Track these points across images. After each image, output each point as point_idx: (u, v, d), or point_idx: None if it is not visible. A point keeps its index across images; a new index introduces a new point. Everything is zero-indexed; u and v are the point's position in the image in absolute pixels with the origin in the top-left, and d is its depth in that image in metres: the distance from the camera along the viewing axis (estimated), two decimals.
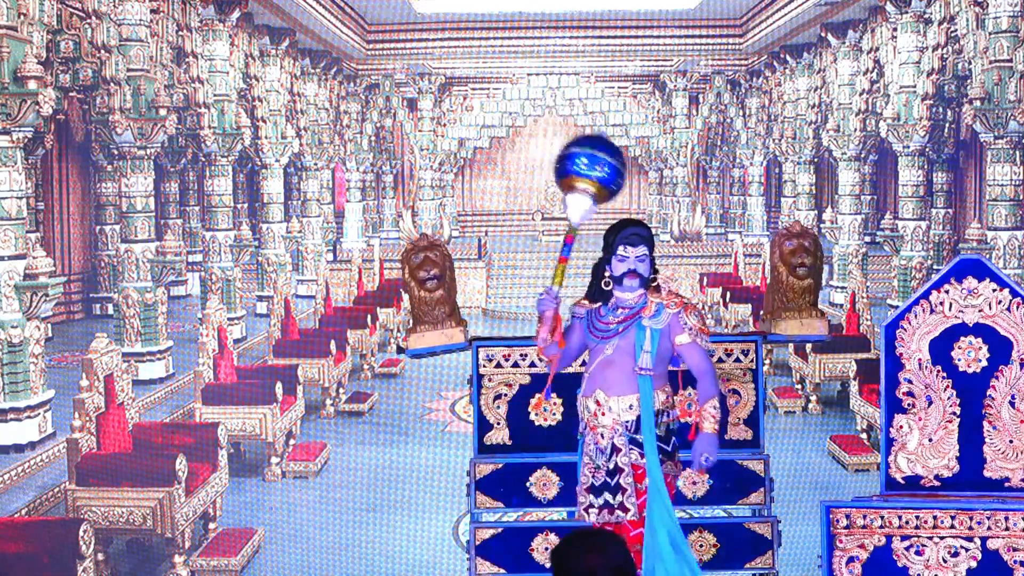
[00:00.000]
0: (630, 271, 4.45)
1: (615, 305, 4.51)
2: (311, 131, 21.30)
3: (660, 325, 4.43)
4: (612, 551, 2.80)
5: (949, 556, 4.50)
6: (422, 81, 26.45)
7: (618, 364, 4.45)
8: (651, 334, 4.42)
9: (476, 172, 30.36)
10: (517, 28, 22.92)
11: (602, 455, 4.48)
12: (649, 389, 4.42)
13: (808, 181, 21.94)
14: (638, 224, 4.55)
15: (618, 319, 4.48)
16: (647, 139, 27.61)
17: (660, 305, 4.46)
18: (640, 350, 4.42)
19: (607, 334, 4.49)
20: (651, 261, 4.50)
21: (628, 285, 4.46)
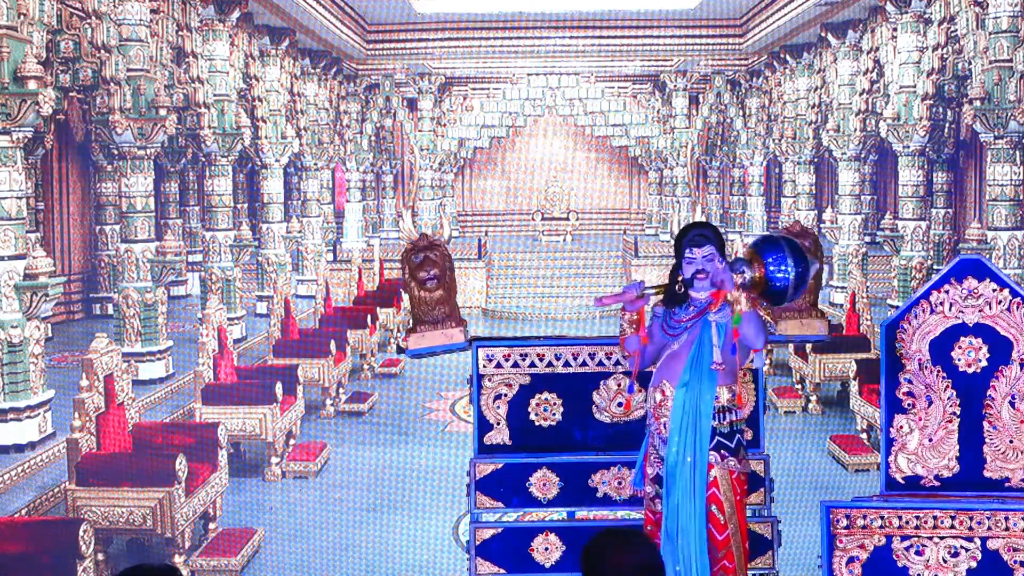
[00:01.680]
0: (699, 271, 4.48)
1: (688, 304, 4.56)
2: (311, 131, 21.30)
3: (725, 320, 4.46)
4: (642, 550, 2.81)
5: (949, 556, 4.49)
6: (422, 81, 26.45)
7: (683, 357, 4.51)
8: (717, 329, 4.46)
9: (476, 172, 30.36)
10: (517, 28, 22.92)
11: (665, 445, 4.53)
12: (710, 383, 4.46)
13: (808, 181, 21.94)
14: (703, 226, 4.58)
15: (689, 316, 4.53)
16: (647, 139, 27.61)
17: (726, 303, 4.49)
18: (710, 345, 4.45)
19: (679, 331, 4.55)
20: (722, 259, 4.51)
21: (699, 286, 4.50)
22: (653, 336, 4.65)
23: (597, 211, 29.98)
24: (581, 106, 27.11)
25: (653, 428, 4.60)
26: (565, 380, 5.35)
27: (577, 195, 29.33)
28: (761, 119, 25.40)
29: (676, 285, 4.56)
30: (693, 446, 4.46)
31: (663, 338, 4.60)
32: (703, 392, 4.47)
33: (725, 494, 4.52)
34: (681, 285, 4.54)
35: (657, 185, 29.48)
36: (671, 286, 4.59)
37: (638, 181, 30.48)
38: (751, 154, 25.82)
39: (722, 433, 4.50)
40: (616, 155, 29.63)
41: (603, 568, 2.77)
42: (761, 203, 25.94)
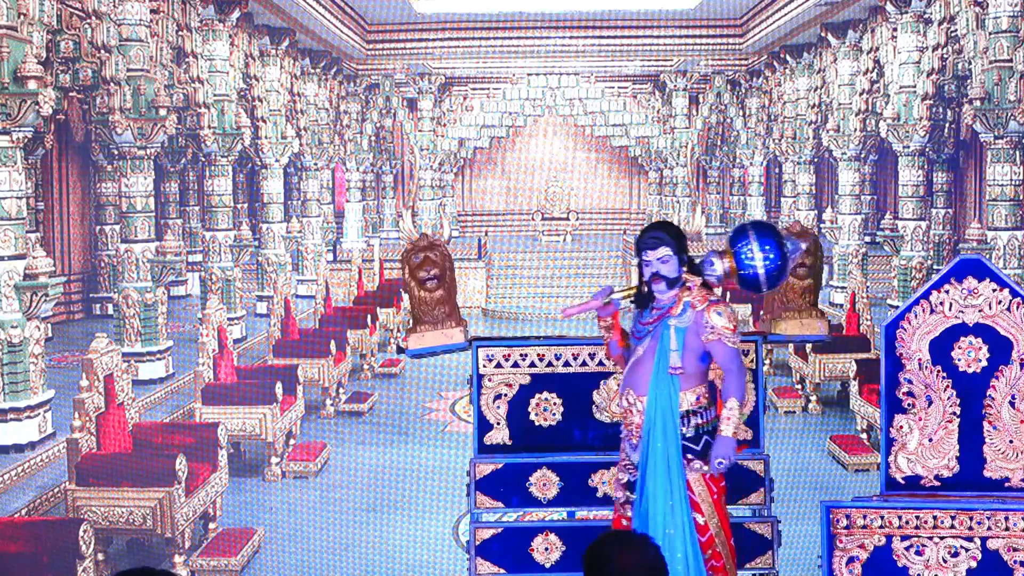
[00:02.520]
0: (654, 275, 4.46)
1: (652, 306, 4.54)
2: (311, 131, 21.30)
3: (685, 324, 4.45)
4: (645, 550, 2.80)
5: (949, 556, 4.49)
6: (422, 81, 26.45)
7: (646, 363, 4.49)
8: (676, 333, 4.44)
9: (476, 172, 30.35)
10: (517, 28, 22.92)
11: (634, 451, 4.53)
12: (673, 389, 4.43)
13: (808, 181, 21.94)
14: (659, 227, 4.55)
15: (653, 319, 4.51)
16: (647, 139, 27.61)
17: (687, 303, 4.47)
18: (667, 349, 4.43)
19: (643, 335, 4.54)
20: (681, 260, 4.48)
21: (656, 288, 4.49)
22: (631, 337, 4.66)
23: (597, 211, 29.97)
24: (581, 106, 27.11)
25: (623, 435, 4.61)
26: (565, 380, 5.35)
27: (577, 195, 29.32)
28: (761, 119, 25.40)
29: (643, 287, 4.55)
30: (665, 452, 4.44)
31: (632, 342, 4.61)
32: (669, 398, 4.45)
33: (701, 495, 4.49)
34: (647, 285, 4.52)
35: (657, 185, 29.47)
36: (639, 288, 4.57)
37: (638, 181, 30.47)
38: (751, 154, 25.82)
39: (687, 437, 4.47)
40: (616, 155, 29.62)
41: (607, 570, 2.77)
42: (761, 203, 25.94)
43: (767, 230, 4.69)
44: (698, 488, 4.48)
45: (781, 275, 4.71)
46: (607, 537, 2.88)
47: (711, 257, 4.63)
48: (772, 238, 4.65)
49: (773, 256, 4.62)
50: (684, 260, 4.50)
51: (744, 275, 4.64)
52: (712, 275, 4.62)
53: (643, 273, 4.51)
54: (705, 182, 29.41)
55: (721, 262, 4.62)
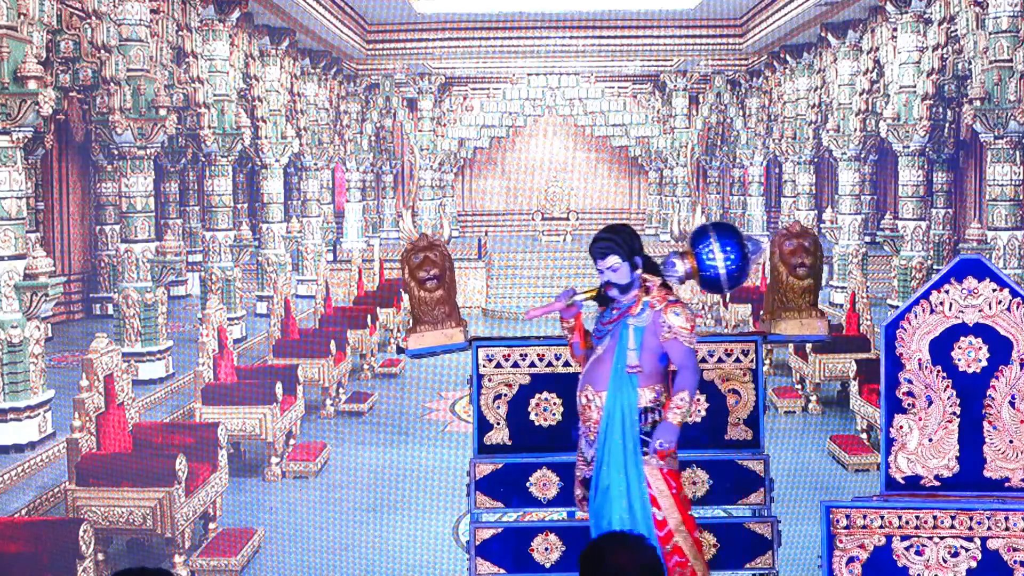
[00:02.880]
0: (606, 283, 4.57)
1: (612, 306, 4.60)
2: (311, 131, 21.30)
3: (643, 323, 4.49)
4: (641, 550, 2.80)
5: (949, 556, 4.49)
6: (422, 81, 26.45)
7: (605, 361, 4.54)
8: (634, 332, 4.48)
9: (476, 172, 30.35)
10: (517, 28, 22.92)
11: (590, 448, 4.56)
12: (631, 386, 4.45)
13: (808, 181, 21.94)
14: (607, 235, 4.57)
15: (612, 319, 4.57)
16: (647, 139, 27.60)
17: (646, 304, 4.50)
18: (626, 348, 4.45)
19: (602, 334, 4.59)
20: (633, 264, 4.50)
21: (612, 295, 4.58)
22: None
23: (597, 211, 29.95)
24: (581, 106, 27.10)
25: (581, 431, 4.64)
26: (565, 380, 5.35)
27: (577, 195, 29.30)
28: (761, 119, 25.39)
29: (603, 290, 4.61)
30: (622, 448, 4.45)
31: (593, 342, 4.65)
32: (627, 396, 4.48)
33: (658, 490, 4.50)
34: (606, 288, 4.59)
35: (657, 185, 29.47)
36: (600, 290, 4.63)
37: (638, 181, 30.47)
38: (751, 154, 25.82)
39: (645, 433, 4.50)
40: (616, 155, 29.62)
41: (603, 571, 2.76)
42: (761, 203, 25.94)
43: (728, 231, 4.77)
44: (656, 483, 4.49)
45: (742, 275, 4.79)
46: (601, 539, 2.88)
47: (672, 258, 4.68)
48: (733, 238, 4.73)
49: (734, 256, 4.70)
50: (637, 263, 4.53)
51: (706, 276, 4.72)
52: (673, 276, 4.69)
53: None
54: (705, 182, 29.40)
55: (683, 263, 4.68)
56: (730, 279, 4.75)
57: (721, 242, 4.71)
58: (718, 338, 5.54)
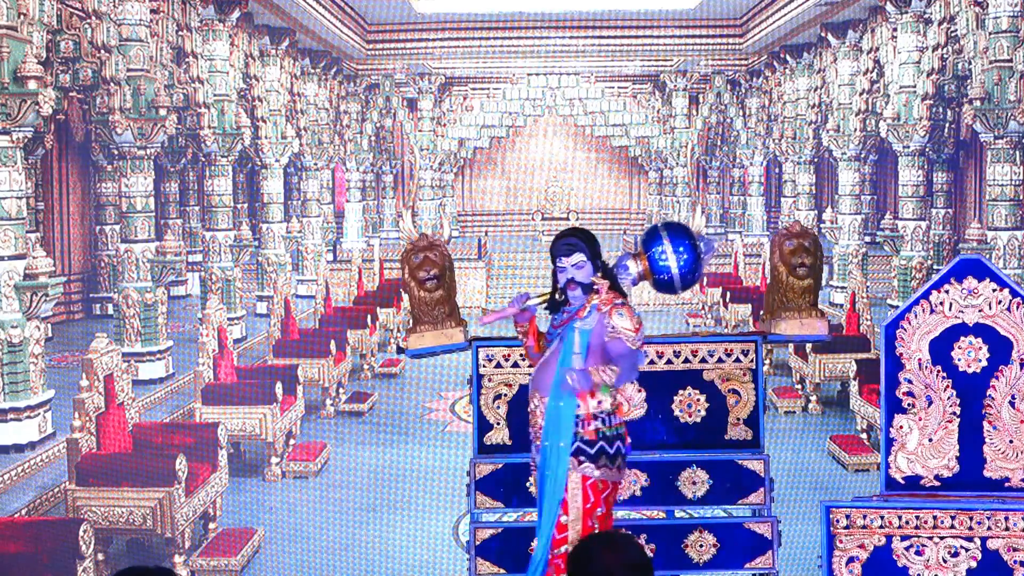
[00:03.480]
0: (569, 280, 4.47)
1: (563, 310, 4.54)
2: (311, 131, 21.31)
3: (589, 327, 4.43)
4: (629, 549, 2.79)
5: (949, 556, 4.49)
6: (422, 81, 26.45)
7: (551, 366, 4.48)
8: (580, 335, 4.43)
9: (476, 172, 30.36)
10: (517, 28, 22.92)
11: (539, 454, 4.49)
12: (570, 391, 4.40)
13: (808, 181, 21.94)
14: (572, 233, 4.55)
15: (563, 322, 4.51)
16: (647, 139, 27.60)
17: (593, 307, 4.47)
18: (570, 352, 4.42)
19: (553, 337, 4.54)
20: (595, 265, 4.48)
21: (572, 294, 4.49)
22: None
23: (597, 211, 29.96)
24: (581, 106, 27.10)
25: (531, 436, 4.57)
26: None
27: (577, 195, 29.32)
28: (761, 119, 25.40)
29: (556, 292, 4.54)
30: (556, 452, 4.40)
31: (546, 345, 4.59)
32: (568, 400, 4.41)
33: (572, 496, 4.42)
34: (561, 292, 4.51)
35: (657, 185, 29.47)
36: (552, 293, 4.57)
37: (638, 181, 30.47)
38: (751, 154, 25.83)
39: (584, 440, 4.40)
40: (616, 155, 29.63)
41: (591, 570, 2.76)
42: (761, 203, 25.95)
43: (680, 231, 4.75)
44: (573, 489, 4.40)
45: (695, 275, 4.76)
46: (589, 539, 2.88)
47: (625, 261, 4.65)
48: (685, 239, 4.69)
49: (687, 257, 4.68)
50: (598, 265, 4.51)
51: (659, 278, 4.67)
52: (627, 278, 4.65)
53: (557, 279, 4.52)
54: (705, 182, 29.41)
55: (635, 264, 4.64)
56: (683, 280, 4.73)
57: (673, 243, 4.67)
58: (718, 338, 5.54)
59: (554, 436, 4.41)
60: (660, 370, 5.35)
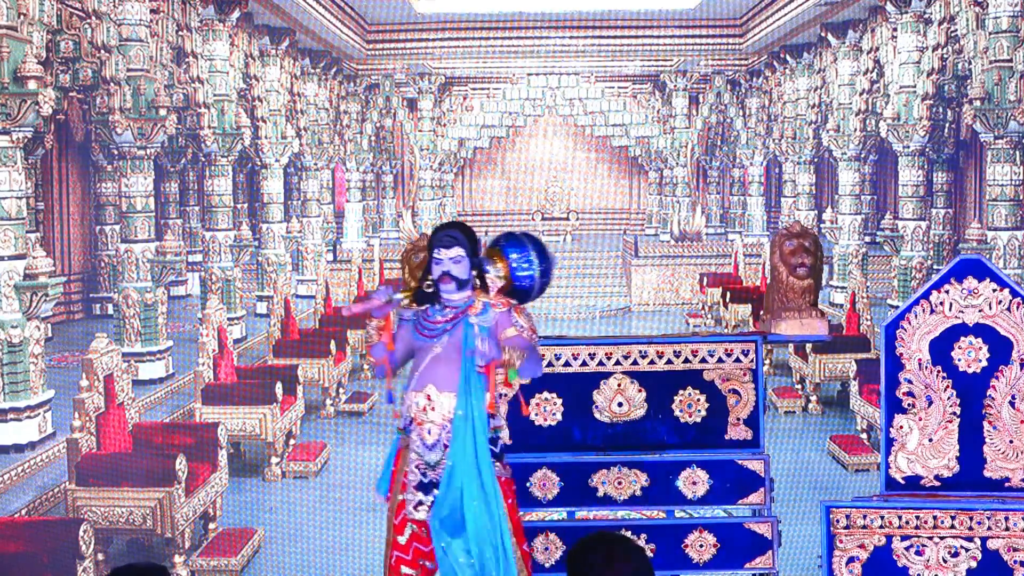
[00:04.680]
0: (444, 274, 4.40)
1: (443, 305, 4.47)
2: (311, 131, 21.31)
3: (488, 323, 4.41)
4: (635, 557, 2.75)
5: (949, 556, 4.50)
6: (422, 81, 26.45)
7: (447, 360, 4.40)
8: (480, 331, 4.38)
9: (476, 172, 30.36)
10: (517, 28, 22.92)
11: (429, 451, 4.43)
12: (481, 388, 4.39)
13: (808, 181, 21.95)
14: (453, 226, 4.49)
15: (446, 318, 4.45)
16: (647, 139, 27.61)
17: (487, 304, 4.45)
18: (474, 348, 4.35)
19: (436, 332, 4.45)
20: (473, 263, 4.45)
21: (444, 288, 4.42)
22: (403, 340, 4.53)
23: (597, 211, 29.98)
24: (581, 106, 27.11)
25: (415, 434, 4.46)
26: (565, 380, 5.35)
27: (577, 195, 29.33)
28: (761, 119, 25.41)
29: (425, 285, 4.46)
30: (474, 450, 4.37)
31: (418, 340, 4.48)
32: (478, 397, 4.39)
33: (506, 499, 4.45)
34: (431, 285, 4.43)
35: (657, 185, 29.48)
36: (419, 286, 4.50)
37: (638, 181, 30.48)
38: (751, 154, 25.83)
39: (489, 439, 4.43)
40: (616, 155, 29.63)
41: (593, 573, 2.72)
42: (761, 203, 25.95)
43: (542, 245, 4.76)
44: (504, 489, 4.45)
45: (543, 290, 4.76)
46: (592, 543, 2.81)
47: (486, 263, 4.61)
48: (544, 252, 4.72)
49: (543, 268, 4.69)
50: (475, 263, 4.47)
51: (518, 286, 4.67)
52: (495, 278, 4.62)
53: (431, 271, 4.44)
54: (705, 182, 29.42)
55: (496, 269, 4.61)
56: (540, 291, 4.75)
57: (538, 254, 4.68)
58: (718, 338, 5.54)
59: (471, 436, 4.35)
60: (660, 370, 5.35)
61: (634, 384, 5.33)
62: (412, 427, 4.49)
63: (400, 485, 4.56)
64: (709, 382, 5.34)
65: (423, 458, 4.46)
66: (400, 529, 4.55)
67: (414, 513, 4.50)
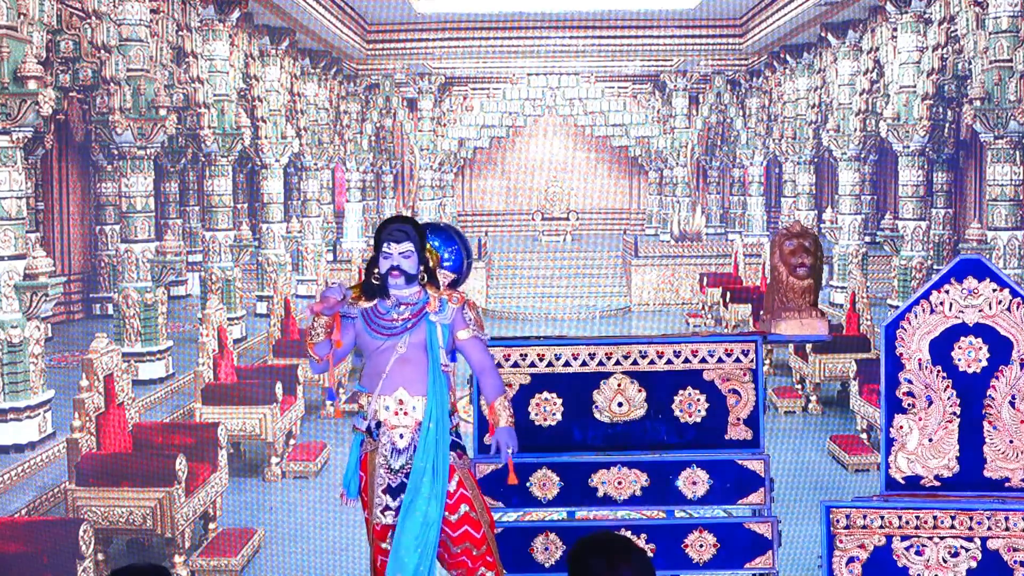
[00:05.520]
0: (393, 268, 4.39)
1: (397, 302, 4.44)
2: (311, 131, 21.31)
3: (447, 320, 4.42)
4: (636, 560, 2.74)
5: (949, 556, 4.50)
6: (422, 81, 26.45)
7: (415, 362, 4.40)
8: (443, 330, 4.42)
9: (476, 172, 30.36)
10: (517, 28, 22.93)
11: (400, 455, 4.42)
12: (446, 387, 4.42)
13: (808, 181, 21.95)
14: (403, 220, 4.51)
15: (403, 316, 4.42)
16: (647, 139, 27.61)
17: (443, 300, 4.45)
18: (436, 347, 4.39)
19: (394, 331, 4.42)
20: (421, 258, 4.45)
21: (393, 283, 4.40)
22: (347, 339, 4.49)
23: (597, 211, 29.97)
24: (581, 106, 27.11)
25: (385, 438, 4.43)
26: (565, 380, 5.35)
27: (577, 195, 29.32)
28: (761, 119, 25.40)
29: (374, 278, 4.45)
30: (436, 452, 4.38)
31: (373, 338, 4.44)
32: (443, 397, 4.42)
33: (472, 491, 4.47)
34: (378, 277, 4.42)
35: (657, 185, 29.48)
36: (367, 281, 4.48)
37: (638, 181, 30.48)
38: (751, 154, 25.83)
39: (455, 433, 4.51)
40: (616, 155, 29.63)
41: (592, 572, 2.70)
42: (761, 203, 25.95)
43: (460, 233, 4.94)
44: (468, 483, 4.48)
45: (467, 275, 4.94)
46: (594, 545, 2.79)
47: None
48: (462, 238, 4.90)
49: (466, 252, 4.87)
50: (423, 259, 4.47)
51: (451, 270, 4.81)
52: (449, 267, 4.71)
53: (379, 265, 4.43)
54: (705, 182, 29.42)
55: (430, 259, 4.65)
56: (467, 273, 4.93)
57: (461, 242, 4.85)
58: (718, 338, 5.53)
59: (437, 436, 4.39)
60: (660, 370, 5.35)
61: (634, 384, 5.33)
62: (382, 431, 4.46)
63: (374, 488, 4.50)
64: (709, 382, 5.35)
65: (390, 462, 4.44)
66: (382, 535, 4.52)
67: (381, 518, 4.46)
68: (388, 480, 4.44)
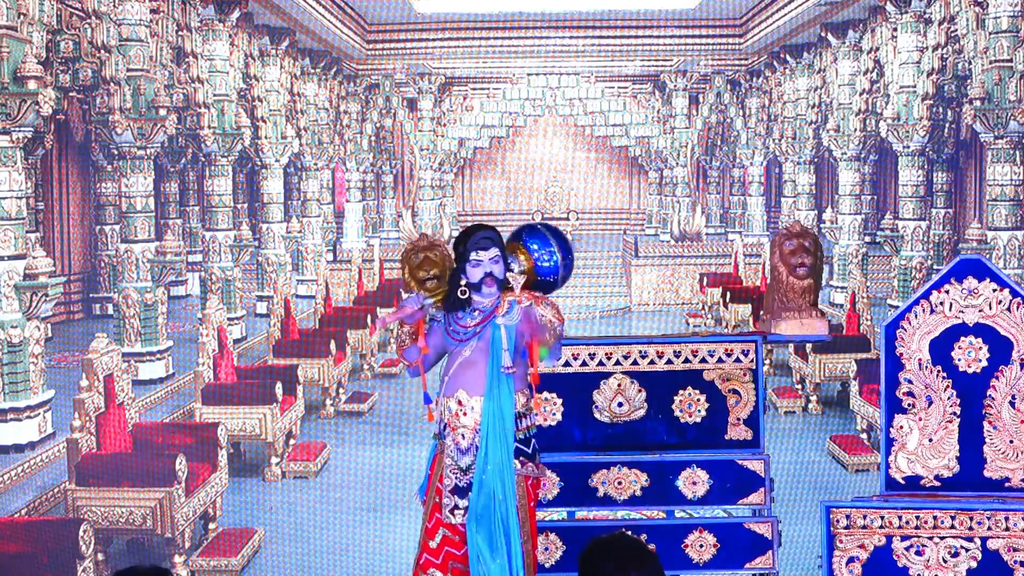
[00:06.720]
0: (486, 275, 4.40)
1: (472, 308, 4.46)
2: (311, 131, 21.31)
3: (513, 321, 4.40)
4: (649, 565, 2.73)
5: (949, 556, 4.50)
6: (422, 81, 26.45)
7: (478, 364, 4.41)
8: (507, 331, 4.39)
9: (476, 172, 30.36)
10: (517, 28, 22.93)
11: (463, 456, 4.45)
12: (508, 390, 4.39)
13: (808, 181, 21.95)
14: (487, 227, 4.51)
15: (475, 321, 4.44)
16: (647, 139, 27.61)
17: (513, 302, 4.44)
18: (500, 349, 4.38)
19: (465, 336, 4.45)
20: (505, 263, 4.45)
21: (487, 291, 4.41)
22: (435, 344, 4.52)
23: (597, 211, 29.98)
24: (581, 106, 27.11)
25: (450, 439, 4.47)
26: (565, 380, 5.35)
27: (577, 195, 29.33)
28: (761, 119, 25.40)
29: (459, 290, 4.44)
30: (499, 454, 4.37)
31: (448, 343, 4.49)
32: (504, 399, 4.39)
33: (520, 500, 4.45)
34: (465, 290, 4.43)
35: (657, 185, 29.48)
36: (452, 291, 4.48)
37: (638, 181, 30.48)
38: (751, 154, 25.83)
39: (519, 440, 4.44)
40: (616, 155, 29.64)
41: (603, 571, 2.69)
42: (761, 203, 25.96)
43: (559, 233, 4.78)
44: (519, 492, 4.45)
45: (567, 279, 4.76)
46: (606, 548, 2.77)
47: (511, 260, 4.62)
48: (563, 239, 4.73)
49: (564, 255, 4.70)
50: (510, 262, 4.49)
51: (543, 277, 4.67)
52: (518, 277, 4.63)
53: (467, 274, 4.41)
54: (705, 182, 29.42)
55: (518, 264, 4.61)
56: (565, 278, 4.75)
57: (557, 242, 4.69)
58: (718, 338, 5.53)
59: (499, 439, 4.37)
60: (660, 370, 5.35)
61: (634, 384, 5.33)
62: (447, 432, 4.52)
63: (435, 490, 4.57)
64: (709, 382, 5.34)
65: (457, 463, 4.48)
66: (432, 533, 4.58)
67: (450, 517, 4.52)
68: (456, 480, 4.48)
